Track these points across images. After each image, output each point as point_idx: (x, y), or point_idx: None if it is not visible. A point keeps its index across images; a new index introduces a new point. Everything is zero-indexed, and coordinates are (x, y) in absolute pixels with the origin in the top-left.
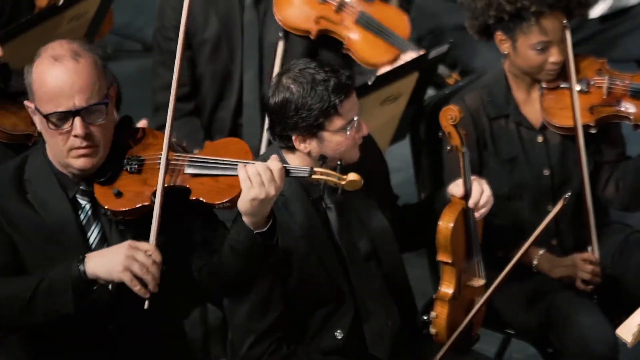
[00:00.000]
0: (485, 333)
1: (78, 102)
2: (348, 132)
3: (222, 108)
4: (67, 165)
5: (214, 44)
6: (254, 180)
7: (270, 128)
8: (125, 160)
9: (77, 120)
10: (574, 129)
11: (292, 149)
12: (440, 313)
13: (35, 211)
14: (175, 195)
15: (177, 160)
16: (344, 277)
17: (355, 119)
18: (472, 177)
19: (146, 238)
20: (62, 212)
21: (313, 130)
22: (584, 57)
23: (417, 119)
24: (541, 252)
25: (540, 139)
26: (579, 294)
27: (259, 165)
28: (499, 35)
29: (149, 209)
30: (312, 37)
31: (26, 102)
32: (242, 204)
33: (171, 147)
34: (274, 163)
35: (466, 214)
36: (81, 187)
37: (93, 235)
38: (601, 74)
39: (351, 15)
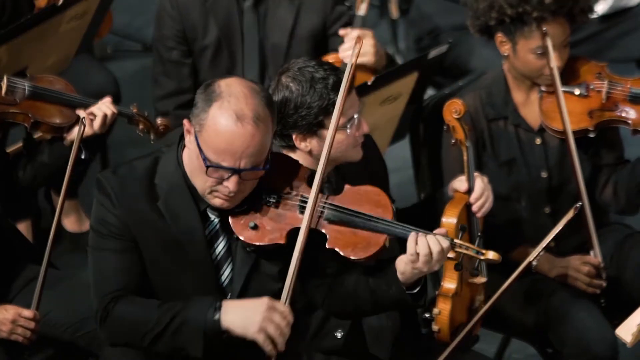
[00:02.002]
0: (485, 333)
1: (243, 164)
2: (348, 130)
3: None
4: (204, 195)
5: (215, 50)
6: (423, 258)
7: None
8: (263, 194)
9: (234, 179)
10: (575, 133)
11: (292, 147)
12: (443, 309)
13: (164, 219)
14: (309, 235)
15: (317, 202)
16: None
17: (356, 116)
18: (475, 173)
19: (272, 258)
20: (191, 224)
21: (313, 128)
22: (585, 60)
23: (417, 119)
24: (541, 252)
25: (538, 141)
26: (578, 294)
27: (432, 242)
28: (500, 36)
29: (283, 247)
30: None
31: (186, 123)
32: (403, 266)
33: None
34: (444, 241)
35: (469, 209)
36: None
37: (218, 248)
38: (601, 77)
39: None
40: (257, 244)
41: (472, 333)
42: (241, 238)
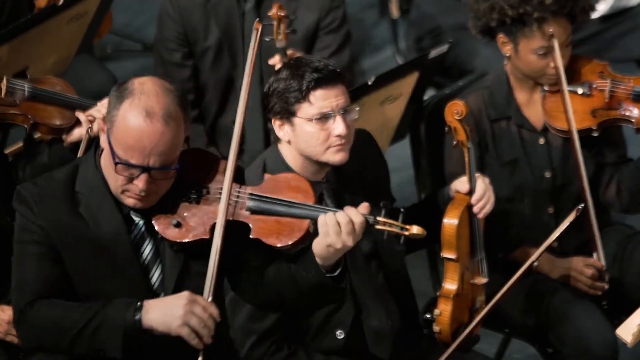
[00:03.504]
0: (485, 333)
1: (152, 162)
2: (315, 122)
3: (226, 113)
4: (119, 196)
5: (216, 51)
6: (332, 229)
7: (265, 115)
8: (184, 190)
9: (143, 177)
10: (579, 133)
11: (279, 138)
12: (444, 310)
13: (87, 225)
14: (233, 228)
15: (238, 194)
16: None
17: (332, 113)
18: (476, 174)
19: (200, 256)
20: (115, 228)
21: (286, 114)
22: (587, 59)
23: (417, 119)
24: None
25: (542, 140)
26: (579, 294)
27: (340, 215)
28: (501, 37)
29: (207, 241)
30: None
31: (101, 122)
32: (318, 247)
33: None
34: (355, 214)
35: (470, 210)
36: None
37: (146, 251)
38: (603, 76)
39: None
40: (182, 241)
41: (473, 333)
42: (165, 237)
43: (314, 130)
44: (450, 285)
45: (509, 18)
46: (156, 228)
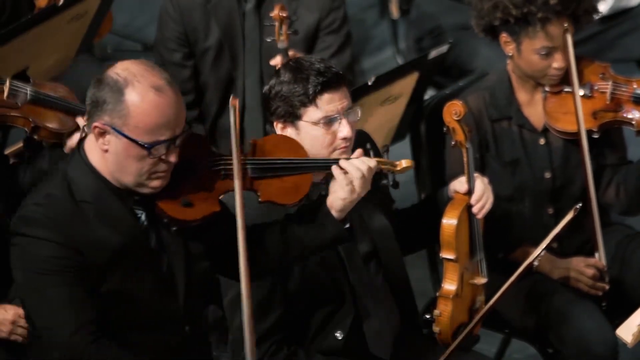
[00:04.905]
0: (485, 333)
1: (178, 130)
2: (321, 126)
3: (226, 114)
4: (139, 186)
5: (216, 52)
6: (357, 181)
7: (265, 116)
8: (179, 171)
9: (174, 148)
10: (577, 135)
11: None
12: (443, 311)
13: (104, 232)
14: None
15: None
16: (343, 278)
17: (337, 117)
18: (475, 174)
19: (195, 236)
20: (131, 226)
21: (290, 118)
22: (588, 61)
23: (417, 119)
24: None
25: (542, 141)
26: (579, 294)
27: (358, 163)
28: (504, 36)
29: (218, 214)
30: None
31: (98, 126)
32: (340, 202)
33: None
34: (366, 159)
35: (470, 210)
36: (135, 198)
37: (152, 243)
38: (605, 78)
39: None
40: (197, 218)
41: (473, 333)
42: (179, 219)
43: (319, 134)
44: (449, 285)
45: (512, 17)
46: (168, 214)
